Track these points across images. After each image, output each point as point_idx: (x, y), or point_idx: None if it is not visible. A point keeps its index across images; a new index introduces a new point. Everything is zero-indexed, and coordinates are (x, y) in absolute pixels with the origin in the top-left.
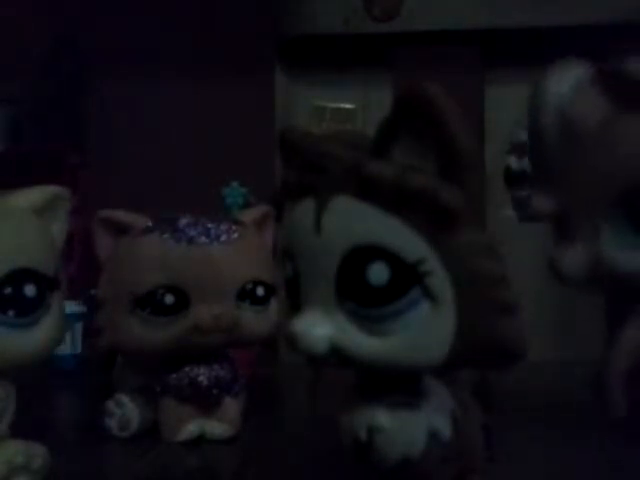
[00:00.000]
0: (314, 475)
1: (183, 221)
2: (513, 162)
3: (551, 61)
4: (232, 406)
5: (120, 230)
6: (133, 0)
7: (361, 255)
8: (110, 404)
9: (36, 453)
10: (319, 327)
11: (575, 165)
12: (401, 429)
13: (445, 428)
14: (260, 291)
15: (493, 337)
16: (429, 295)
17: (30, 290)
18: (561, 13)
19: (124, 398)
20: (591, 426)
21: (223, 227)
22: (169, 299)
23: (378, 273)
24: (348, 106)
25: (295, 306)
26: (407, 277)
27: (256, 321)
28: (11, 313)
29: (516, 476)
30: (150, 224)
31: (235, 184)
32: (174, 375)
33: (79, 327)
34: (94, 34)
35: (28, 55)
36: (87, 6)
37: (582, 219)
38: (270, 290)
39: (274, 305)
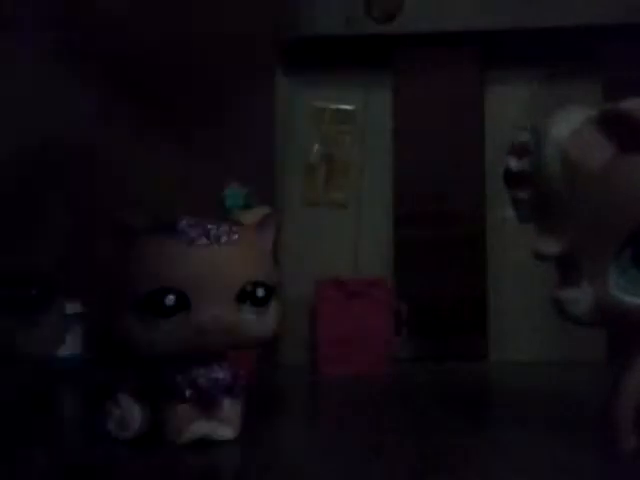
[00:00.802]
0: (314, 476)
1: (184, 222)
2: (513, 162)
3: (551, 62)
4: (232, 407)
5: (121, 231)
6: (134, 1)
7: None
8: (110, 405)
9: None
10: None
11: (580, 207)
12: None
13: None
14: (260, 292)
15: None
16: None
17: (32, 291)
18: (561, 14)
19: (124, 399)
20: (591, 426)
21: (223, 228)
22: (169, 300)
23: None
24: (348, 107)
25: None
26: None
27: (256, 322)
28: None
29: (516, 475)
30: (151, 225)
31: (235, 186)
32: (174, 376)
33: (80, 328)
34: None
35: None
36: (87, 6)
37: (588, 260)
38: (270, 291)
39: (274, 306)
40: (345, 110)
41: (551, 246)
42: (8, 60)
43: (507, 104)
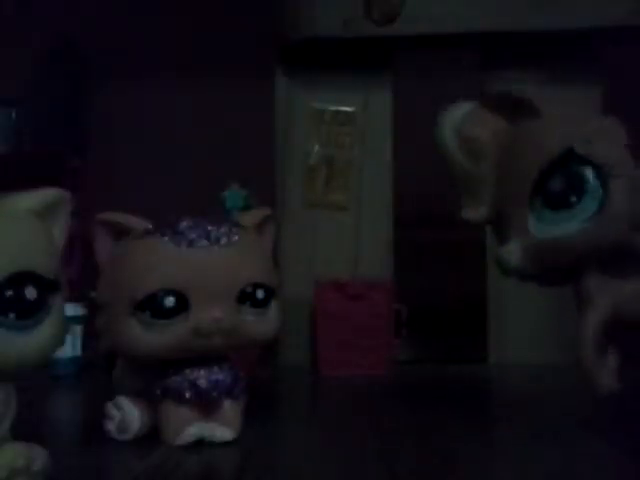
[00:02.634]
0: (314, 476)
1: (183, 224)
2: None
3: (551, 63)
4: (232, 409)
5: (120, 233)
6: (134, 1)
7: None
8: (110, 407)
9: (37, 455)
10: None
11: (489, 174)
12: None
13: None
14: (260, 294)
15: None
16: None
17: (31, 293)
18: (561, 16)
19: (124, 401)
20: (591, 426)
21: (223, 230)
22: (169, 302)
23: None
24: (348, 109)
25: None
26: None
27: (256, 324)
28: (12, 316)
29: (516, 476)
30: (150, 227)
31: (235, 187)
32: (174, 378)
33: (79, 330)
34: (95, 35)
35: (28, 56)
36: (88, 6)
37: (509, 217)
38: (270, 293)
39: (274, 308)
40: (345, 112)
41: (476, 213)
42: None
43: None
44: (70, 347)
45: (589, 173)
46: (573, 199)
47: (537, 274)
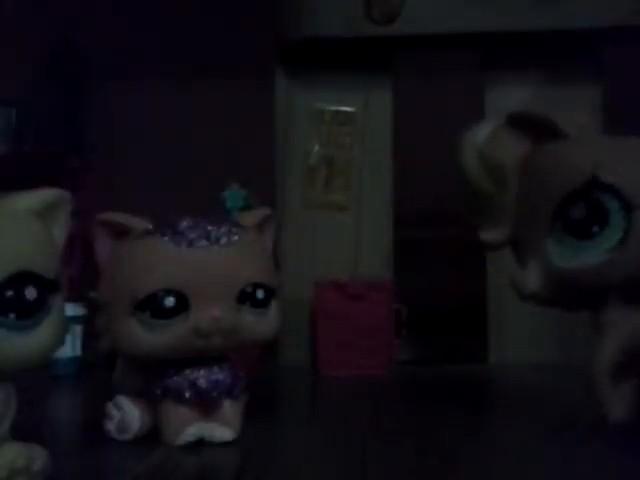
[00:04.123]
0: (314, 476)
1: (183, 224)
2: None
3: (551, 63)
4: (232, 409)
5: (120, 233)
6: (134, 1)
7: None
8: (110, 407)
9: (37, 455)
10: None
11: (510, 197)
12: None
13: None
14: (260, 294)
15: None
16: None
17: (31, 293)
18: (561, 16)
19: (124, 401)
20: (591, 427)
21: (223, 230)
22: (169, 302)
23: None
24: (348, 109)
25: None
26: None
27: (256, 324)
28: (12, 316)
29: (516, 476)
30: (150, 227)
31: (235, 187)
32: (174, 378)
33: (79, 330)
34: (95, 35)
35: (28, 56)
36: (88, 7)
37: (528, 241)
38: (270, 293)
39: (274, 308)
40: (345, 112)
41: (495, 235)
42: None
43: (507, 106)
44: (70, 347)
45: (613, 203)
46: (595, 229)
47: (554, 300)
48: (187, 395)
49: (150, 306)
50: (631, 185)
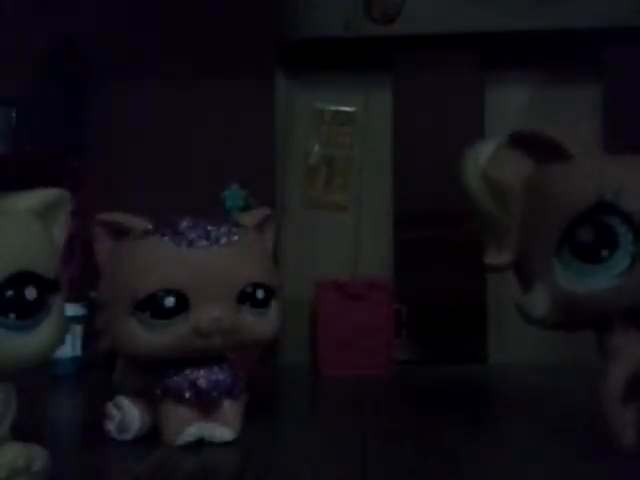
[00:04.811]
0: (314, 476)
1: (183, 224)
2: None
3: (551, 63)
4: (232, 409)
5: (120, 233)
6: (134, 1)
7: None
8: (110, 407)
9: (37, 455)
10: None
11: (515, 219)
12: None
13: None
14: (260, 294)
15: None
16: None
17: (31, 293)
18: (562, 17)
19: (124, 401)
20: (591, 426)
21: (223, 230)
22: (169, 302)
23: None
24: (348, 109)
25: None
26: None
27: (256, 324)
28: (12, 316)
29: (516, 476)
30: (150, 227)
31: (235, 187)
32: (174, 378)
33: (79, 330)
34: (95, 35)
35: (28, 56)
36: (88, 7)
37: (535, 263)
38: (270, 292)
39: (274, 308)
40: (345, 112)
41: (500, 257)
42: None
43: (507, 106)
44: (70, 347)
45: (621, 226)
46: (604, 253)
47: (560, 324)
48: (187, 395)
49: (150, 306)
50: (639, 208)
